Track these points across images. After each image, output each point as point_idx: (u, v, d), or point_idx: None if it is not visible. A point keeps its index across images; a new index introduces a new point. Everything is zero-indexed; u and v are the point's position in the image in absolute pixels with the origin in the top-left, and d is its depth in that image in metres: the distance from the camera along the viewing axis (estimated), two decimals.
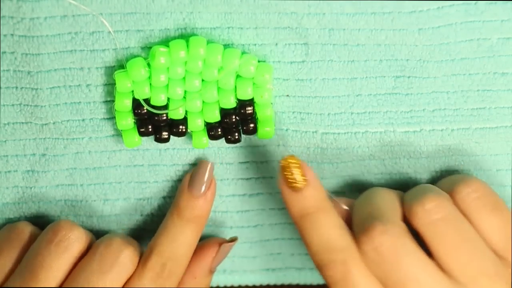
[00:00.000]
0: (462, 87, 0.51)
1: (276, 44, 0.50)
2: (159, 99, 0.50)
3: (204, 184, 0.51)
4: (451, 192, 0.49)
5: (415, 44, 0.50)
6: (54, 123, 0.51)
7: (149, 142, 0.52)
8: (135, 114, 0.50)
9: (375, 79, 0.51)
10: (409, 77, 0.51)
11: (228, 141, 0.51)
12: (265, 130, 0.51)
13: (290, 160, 0.49)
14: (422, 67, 0.50)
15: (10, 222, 0.54)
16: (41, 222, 0.54)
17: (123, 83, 0.49)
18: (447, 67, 0.51)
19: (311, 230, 0.48)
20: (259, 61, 0.50)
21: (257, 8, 0.49)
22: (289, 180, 0.49)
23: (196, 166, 0.52)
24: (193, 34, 0.49)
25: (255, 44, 0.50)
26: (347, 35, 0.50)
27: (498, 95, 0.51)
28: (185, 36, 0.49)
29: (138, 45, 0.49)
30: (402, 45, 0.50)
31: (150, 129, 0.51)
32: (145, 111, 0.50)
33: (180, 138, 0.52)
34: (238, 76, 0.50)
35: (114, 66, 0.50)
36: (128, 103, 0.50)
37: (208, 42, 0.49)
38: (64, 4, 0.48)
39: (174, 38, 0.49)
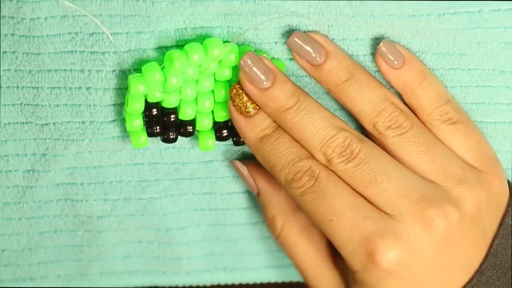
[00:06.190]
0: (461, 82, 0.51)
1: (276, 42, 0.50)
2: (171, 101, 0.50)
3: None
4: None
5: (413, 39, 0.50)
6: (54, 123, 0.51)
7: (149, 140, 0.52)
8: (146, 116, 0.50)
9: (373, 73, 0.51)
10: None
11: (236, 143, 0.51)
12: None
13: (238, 87, 0.49)
14: (420, 58, 0.50)
15: (11, 221, 0.54)
16: (42, 222, 0.55)
17: (136, 86, 0.49)
18: (445, 60, 0.50)
19: (272, 150, 0.48)
20: (272, 59, 0.50)
21: (257, 10, 0.49)
22: (240, 107, 0.49)
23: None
24: (207, 36, 0.49)
25: (254, 43, 0.50)
26: (346, 31, 0.49)
27: (497, 92, 0.51)
28: (200, 36, 0.49)
29: (139, 46, 0.49)
30: (400, 38, 0.50)
31: (158, 130, 0.50)
32: (156, 113, 0.50)
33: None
34: None
35: (114, 70, 0.50)
36: (140, 106, 0.50)
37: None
38: (64, 4, 0.48)
39: (174, 40, 0.49)
